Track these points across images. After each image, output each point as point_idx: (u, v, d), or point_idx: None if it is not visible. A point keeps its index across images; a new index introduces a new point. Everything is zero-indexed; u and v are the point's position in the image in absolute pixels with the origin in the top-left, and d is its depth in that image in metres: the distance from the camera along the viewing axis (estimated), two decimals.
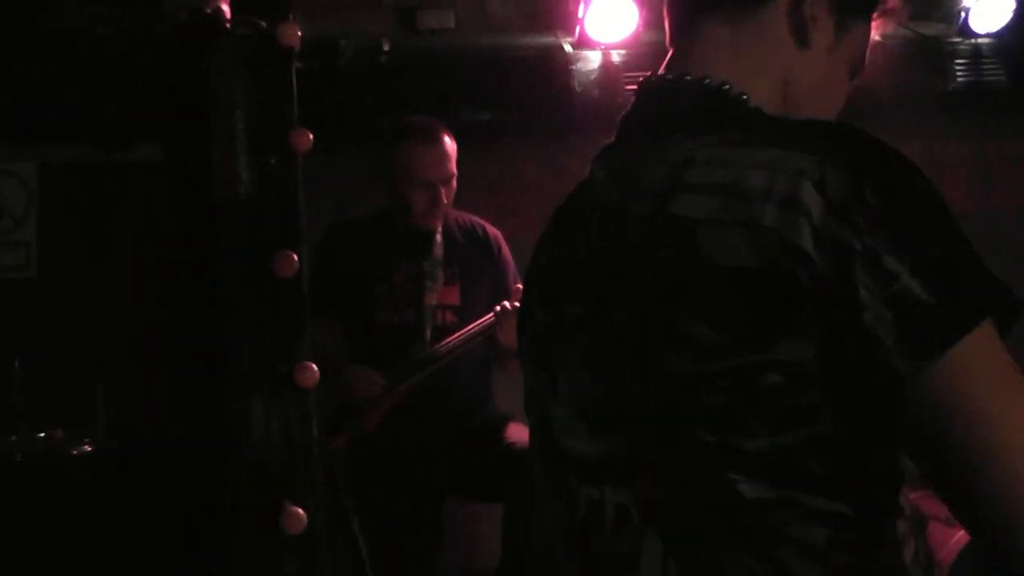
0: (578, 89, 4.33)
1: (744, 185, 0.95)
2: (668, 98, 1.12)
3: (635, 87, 1.16)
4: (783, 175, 0.94)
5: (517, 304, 3.14)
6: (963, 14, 4.24)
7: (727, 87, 1.09)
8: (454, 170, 3.23)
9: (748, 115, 1.08)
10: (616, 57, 4.31)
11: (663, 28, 1.21)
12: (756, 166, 0.96)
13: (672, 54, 1.16)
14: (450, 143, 3.24)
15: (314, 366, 2.19)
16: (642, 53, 4.21)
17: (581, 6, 3.98)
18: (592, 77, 4.34)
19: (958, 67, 4.53)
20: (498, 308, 3.20)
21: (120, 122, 2.17)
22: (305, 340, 2.22)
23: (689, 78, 1.10)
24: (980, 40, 4.45)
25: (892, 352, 0.89)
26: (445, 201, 3.22)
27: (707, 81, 1.09)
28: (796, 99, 1.12)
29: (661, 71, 1.15)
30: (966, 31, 4.30)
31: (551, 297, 1.16)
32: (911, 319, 0.89)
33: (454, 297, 3.31)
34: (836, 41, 1.12)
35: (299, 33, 2.11)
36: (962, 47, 4.51)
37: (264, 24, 1.97)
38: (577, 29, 4.08)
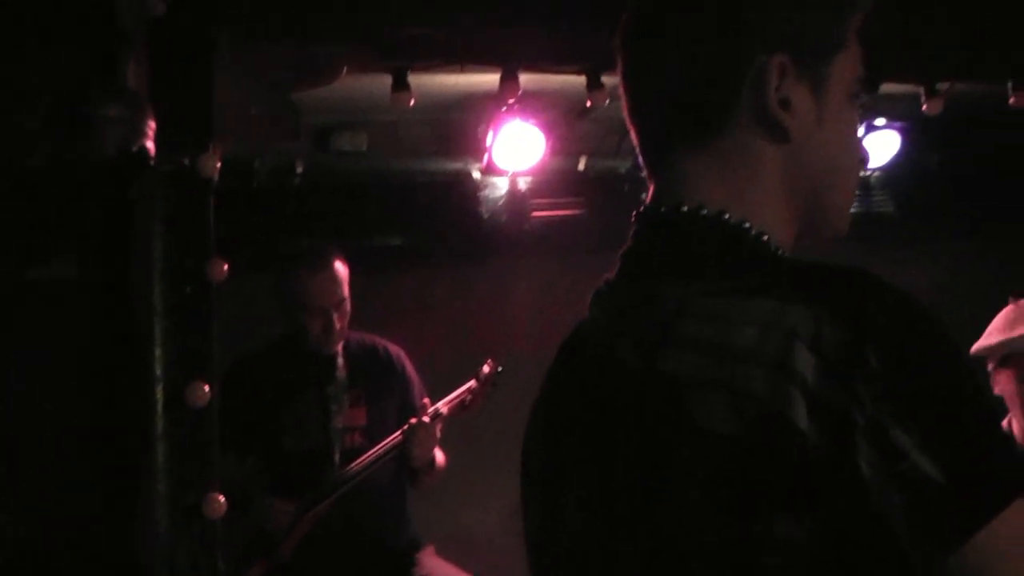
0: (485, 215, 4.43)
1: (733, 344, 0.87)
2: (666, 234, 1.00)
3: (633, 218, 1.05)
4: (775, 334, 0.85)
5: (425, 419, 3.16)
6: None
7: (727, 216, 0.97)
8: (345, 294, 3.23)
9: (750, 250, 0.98)
10: (523, 184, 4.41)
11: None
12: (747, 322, 0.88)
13: (658, 183, 1.04)
14: (340, 268, 3.24)
15: (221, 498, 2.16)
16: (548, 180, 4.33)
17: (489, 134, 4.07)
18: (499, 203, 4.44)
19: None
20: (406, 426, 3.19)
21: (39, 239, 2.17)
22: (213, 471, 2.20)
23: (686, 209, 0.99)
24: (870, 173, 4.69)
25: (904, 541, 0.81)
26: (338, 326, 3.21)
27: (704, 212, 0.98)
28: (805, 191, 1.01)
29: (650, 201, 1.04)
30: None
31: (549, 439, 1.08)
32: (924, 503, 0.80)
33: (361, 418, 3.30)
34: (819, 104, 0.99)
35: (218, 164, 2.15)
36: None
37: (186, 160, 2.00)
38: (485, 156, 4.17)
